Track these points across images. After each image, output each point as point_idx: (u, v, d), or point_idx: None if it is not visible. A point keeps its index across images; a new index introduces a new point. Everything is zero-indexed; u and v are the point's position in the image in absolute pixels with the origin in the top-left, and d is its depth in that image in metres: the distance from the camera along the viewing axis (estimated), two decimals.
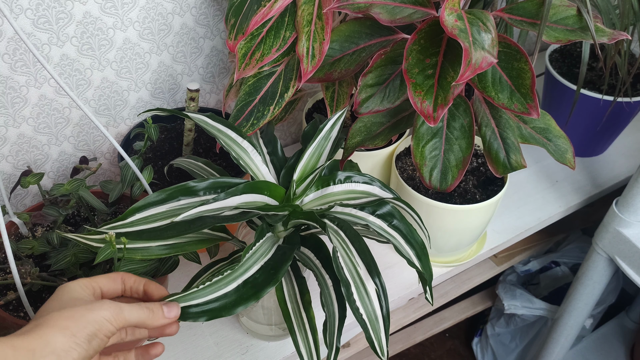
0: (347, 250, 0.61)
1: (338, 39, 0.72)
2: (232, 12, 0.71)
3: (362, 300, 0.59)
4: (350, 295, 0.58)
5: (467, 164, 0.70)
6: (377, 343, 0.58)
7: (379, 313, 0.59)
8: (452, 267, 0.92)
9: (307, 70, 0.71)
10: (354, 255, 0.61)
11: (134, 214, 0.61)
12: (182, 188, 0.63)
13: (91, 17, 0.80)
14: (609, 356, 1.39)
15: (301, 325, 0.63)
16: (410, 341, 1.37)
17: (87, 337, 0.44)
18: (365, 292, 0.60)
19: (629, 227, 0.94)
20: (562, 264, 1.43)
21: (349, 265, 0.60)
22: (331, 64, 0.72)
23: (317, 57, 0.70)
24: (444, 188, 0.71)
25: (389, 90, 0.69)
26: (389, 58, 0.68)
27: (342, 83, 0.78)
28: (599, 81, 1.02)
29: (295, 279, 0.66)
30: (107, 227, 0.60)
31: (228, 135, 0.67)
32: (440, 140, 0.70)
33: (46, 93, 0.83)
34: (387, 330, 0.60)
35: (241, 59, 0.71)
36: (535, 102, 0.63)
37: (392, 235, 0.66)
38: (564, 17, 0.65)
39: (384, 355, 0.58)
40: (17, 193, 0.90)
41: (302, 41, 0.70)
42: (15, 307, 0.70)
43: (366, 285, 0.60)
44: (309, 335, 0.62)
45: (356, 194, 0.68)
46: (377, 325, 0.59)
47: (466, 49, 0.56)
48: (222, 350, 0.79)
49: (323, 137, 0.69)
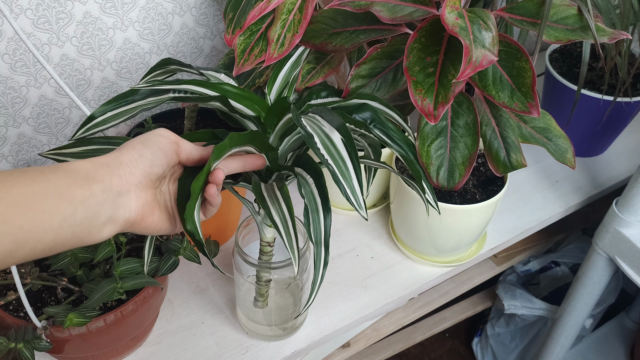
0: (313, 119, 0.57)
1: (344, 13, 0.71)
2: (231, 6, 0.72)
3: (327, 149, 0.53)
4: (314, 145, 0.53)
5: (474, 161, 0.70)
6: (349, 189, 0.53)
7: (347, 159, 0.54)
8: (452, 267, 0.92)
9: (272, 56, 0.71)
10: (319, 120, 0.56)
11: (104, 113, 0.58)
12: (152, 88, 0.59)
13: (91, 17, 0.79)
14: (609, 356, 1.39)
15: (274, 200, 0.59)
16: (410, 341, 1.37)
17: (150, 150, 0.51)
18: (330, 142, 0.54)
19: (629, 227, 0.94)
20: (562, 264, 1.43)
21: (313, 126, 0.55)
22: (330, 35, 0.72)
23: (285, 46, 0.71)
24: (452, 186, 0.71)
25: (380, 84, 0.69)
26: (385, 52, 0.68)
27: (335, 57, 0.78)
28: (599, 81, 1.02)
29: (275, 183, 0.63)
30: (81, 132, 0.58)
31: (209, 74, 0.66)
32: (445, 139, 0.70)
33: (46, 93, 0.83)
34: (359, 177, 0.54)
35: (240, 55, 0.72)
36: (535, 101, 0.63)
37: (375, 133, 0.62)
38: (564, 16, 0.65)
39: (362, 208, 0.54)
40: None
41: (276, 26, 0.70)
42: (15, 307, 0.70)
43: (331, 137, 0.54)
44: (283, 207, 0.59)
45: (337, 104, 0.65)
46: (347, 172, 0.53)
47: (467, 46, 0.56)
48: (222, 350, 0.79)
49: (294, 62, 0.69)
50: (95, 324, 0.67)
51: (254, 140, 0.56)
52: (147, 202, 0.51)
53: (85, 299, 0.70)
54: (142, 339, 0.79)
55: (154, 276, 0.72)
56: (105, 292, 0.68)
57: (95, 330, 0.68)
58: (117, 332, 0.71)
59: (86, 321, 0.66)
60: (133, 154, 0.50)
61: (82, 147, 0.60)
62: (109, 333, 0.70)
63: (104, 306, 0.71)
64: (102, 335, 0.69)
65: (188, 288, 0.86)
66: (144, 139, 0.52)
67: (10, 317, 0.67)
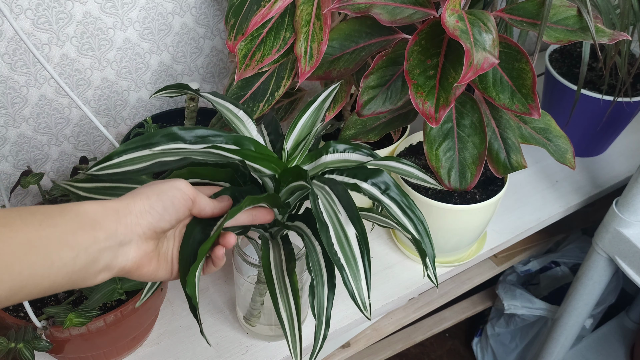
0: (328, 198, 0.57)
1: (338, 38, 0.72)
2: (232, 13, 0.71)
3: (341, 244, 0.54)
4: (329, 239, 0.53)
5: (484, 160, 0.69)
6: (357, 290, 0.53)
7: (359, 258, 0.54)
8: (452, 267, 0.92)
9: (304, 70, 0.71)
10: (335, 201, 0.57)
11: (120, 155, 0.58)
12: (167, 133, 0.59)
13: (91, 17, 0.79)
14: (609, 356, 1.39)
15: (283, 290, 0.60)
16: (410, 341, 1.37)
17: (162, 204, 0.50)
18: (344, 236, 0.55)
19: (629, 227, 0.94)
20: (562, 264, 1.43)
21: (329, 211, 0.56)
22: (331, 62, 0.72)
23: (315, 57, 0.70)
24: (465, 187, 0.71)
25: (391, 92, 0.69)
26: (390, 59, 0.68)
27: (342, 81, 0.78)
28: (599, 81, 1.02)
29: (283, 247, 0.63)
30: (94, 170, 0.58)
31: (227, 107, 0.65)
32: (452, 140, 0.70)
33: (46, 93, 0.83)
34: (368, 279, 0.54)
35: (241, 60, 0.72)
36: (536, 102, 0.63)
37: (386, 202, 0.61)
38: (564, 17, 0.65)
39: (367, 309, 0.54)
40: (17, 193, 0.90)
41: (300, 41, 0.70)
42: (15, 307, 0.70)
43: (346, 230, 0.55)
44: (290, 299, 0.59)
45: (352, 162, 0.65)
46: (357, 271, 0.54)
47: (468, 50, 0.56)
48: (222, 350, 0.79)
49: (316, 108, 0.68)
50: (95, 324, 0.67)
51: (268, 199, 0.57)
52: (146, 253, 0.50)
53: (85, 299, 0.70)
54: (142, 339, 0.79)
55: None
56: (105, 292, 0.68)
57: (95, 330, 0.68)
58: (117, 332, 0.71)
59: (86, 321, 0.66)
60: (145, 204, 0.49)
61: (94, 184, 0.61)
62: (109, 333, 0.70)
63: (104, 306, 0.71)
64: (102, 335, 0.69)
65: None
66: (160, 190, 0.50)
67: (10, 317, 0.68)
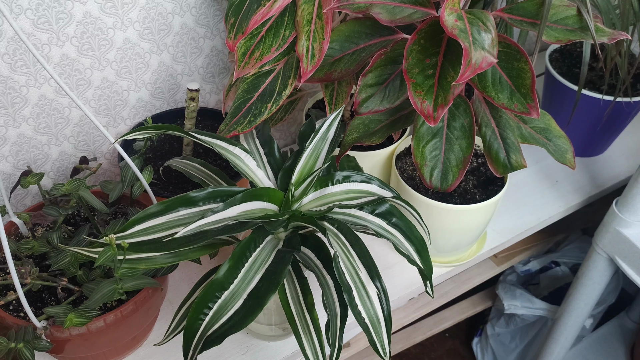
0: (348, 254, 0.61)
1: (338, 39, 0.72)
2: (232, 12, 0.71)
3: (364, 304, 0.60)
4: (352, 300, 0.59)
5: (468, 164, 0.70)
6: (380, 345, 0.59)
7: (380, 315, 0.60)
8: (452, 267, 0.92)
9: (306, 70, 0.71)
10: (355, 259, 0.61)
11: (134, 225, 0.62)
12: (182, 199, 0.63)
13: (91, 17, 0.79)
14: (609, 356, 1.39)
15: (305, 328, 0.63)
16: (410, 341, 1.37)
17: None
18: (366, 295, 0.60)
19: (629, 227, 0.94)
20: (562, 264, 1.43)
21: (350, 270, 0.60)
22: (331, 64, 0.72)
23: (317, 56, 0.70)
24: (445, 188, 0.71)
25: (389, 90, 0.69)
26: (389, 58, 0.68)
27: (342, 82, 0.78)
28: (599, 81, 1.02)
29: (297, 280, 0.66)
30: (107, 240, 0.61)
31: (219, 145, 0.67)
32: (440, 140, 0.70)
33: (46, 93, 0.83)
34: (389, 331, 0.60)
35: (240, 58, 0.71)
36: (535, 102, 0.63)
37: (392, 233, 0.66)
38: (564, 17, 0.65)
39: (387, 356, 0.59)
40: (17, 193, 0.90)
41: (301, 40, 0.70)
42: (15, 307, 0.70)
43: (367, 289, 0.61)
44: (313, 337, 0.63)
45: (355, 193, 0.68)
46: (379, 328, 0.60)
47: (466, 49, 0.56)
48: (222, 350, 0.79)
49: (320, 138, 0.69)
50: (95, 324, 0.67)
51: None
52: None
53: (86, 299, 0.70)
54: (142, 339, 0.79)
55: (154, 277, 0.72)
56: (106, 292, 0.68)
57: (95, 331, 0.68)
58: (117, 332, 0.71)
59: (86, 321, 0.66)
60: None
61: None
62: (109, 333, 0.70)
63: (104, 306, 0.71)
64: (102, 335, 0.69)
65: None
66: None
67: (11, 317, 0.68)
